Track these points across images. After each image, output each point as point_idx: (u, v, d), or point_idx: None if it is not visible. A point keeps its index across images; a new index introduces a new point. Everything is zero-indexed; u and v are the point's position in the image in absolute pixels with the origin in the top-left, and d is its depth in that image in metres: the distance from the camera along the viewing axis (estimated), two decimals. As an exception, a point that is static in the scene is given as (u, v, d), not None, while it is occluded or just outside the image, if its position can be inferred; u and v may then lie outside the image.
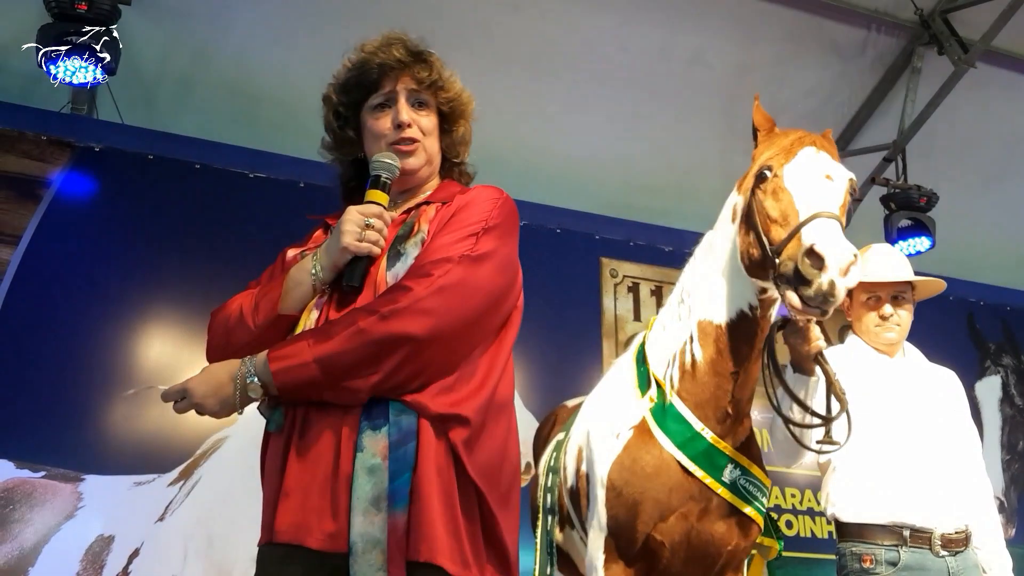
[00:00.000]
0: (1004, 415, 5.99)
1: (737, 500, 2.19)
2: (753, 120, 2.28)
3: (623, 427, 2.26)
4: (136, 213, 4.41)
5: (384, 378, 1.49)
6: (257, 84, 4.78)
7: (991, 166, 6.07)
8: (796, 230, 1.94)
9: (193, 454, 4.07)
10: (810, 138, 2.16)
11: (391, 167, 1.69)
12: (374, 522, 1.43)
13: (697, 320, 2.26)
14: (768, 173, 2.09)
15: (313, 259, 1.65)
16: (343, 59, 1.81)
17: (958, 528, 2.56)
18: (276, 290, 1.66)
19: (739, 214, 2.22)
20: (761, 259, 2.05)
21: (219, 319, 1.71)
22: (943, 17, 5.39)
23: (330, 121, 1.81)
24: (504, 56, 5.05)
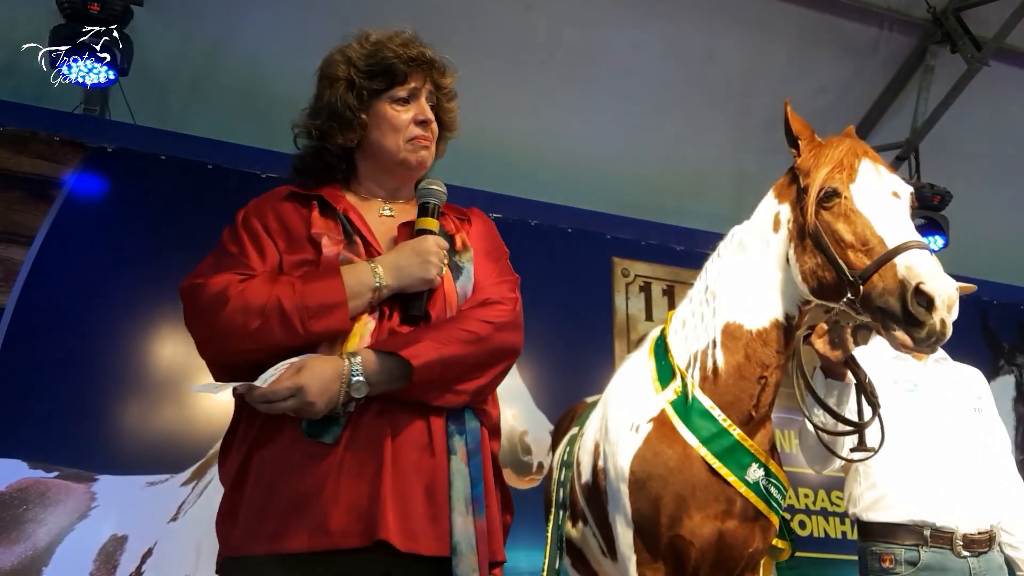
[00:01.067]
0: (1018, 415, 5.95)
1: (759, 501, 2.17)
2: (791, 127, 2.24)
3: (642, 420, 2.24)
4: (148, 213, 4.41)
5: (485, 385, 1.62)
6: (269, 84, 4.78)
7: (1005, 164, 6.03)
8: (885, 259, 1.93)
9: (206, 454, 4.07)
10: (861, 148, 2.15)
11: (440, 194, 1.71)
12: (467, 524, 1.51)
13: (725, 322, 2.24)
14: (835, 194, 2.06)
15: (375, 275, 1.58)
16: (351, 42, 1.79)
17: (981, 529, 2.53)
18: (339, 296, 1.53)
19: (785, 226, 2.20)
20: (836, 283, 2.03)
21: (240, 305, 1.52)
22: (956, 15, 5.37)
23: (345, 101, 1.73)
24: (515, 56, 5.04)
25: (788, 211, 2.21)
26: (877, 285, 1.93)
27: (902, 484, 2.55)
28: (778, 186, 2.31)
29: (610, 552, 2.33)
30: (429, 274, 1.60)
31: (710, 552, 2.16)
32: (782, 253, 2.21)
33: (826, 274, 2.06)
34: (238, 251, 1.63)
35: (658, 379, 2.30)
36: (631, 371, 2.43)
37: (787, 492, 2.27)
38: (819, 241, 2.06)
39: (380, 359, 1.52)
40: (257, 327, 1.51)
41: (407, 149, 1.74)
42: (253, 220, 1.68)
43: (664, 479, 2.14)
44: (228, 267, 1.60)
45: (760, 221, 2.29)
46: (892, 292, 1.90)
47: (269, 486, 1.49)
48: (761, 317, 2.21)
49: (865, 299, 1.96)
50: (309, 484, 1.47)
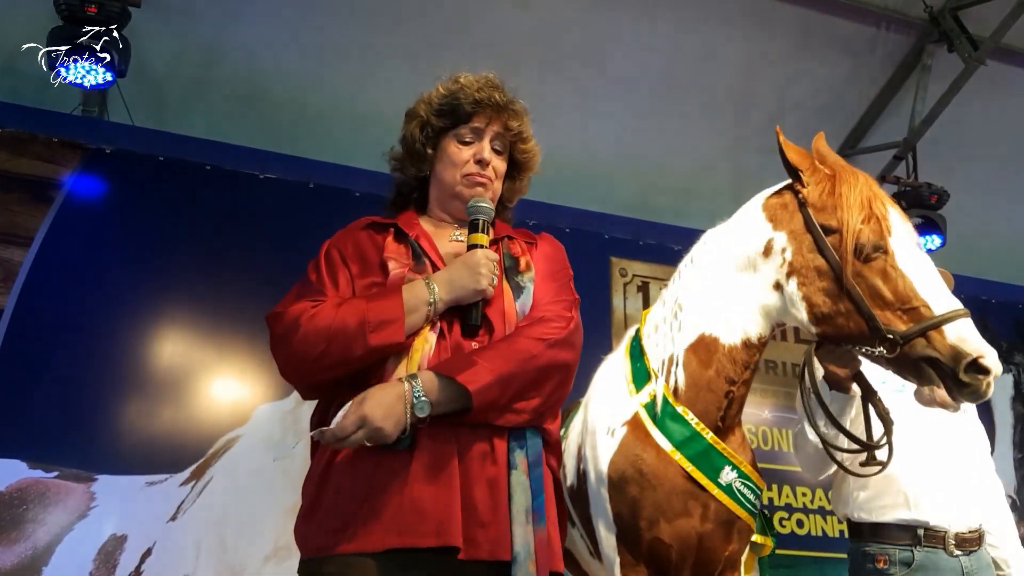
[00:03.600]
0: (1016, 413, 5.96)
1: (732, 504, 2.18)
2: (788, 158, 2.18)
3: (616, 424, 2.25)
4: (147, 214, 4.42)
5: (543, 402, 1.69)
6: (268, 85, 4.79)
7: (1002, 164, 6.04)
8: (934, 326, 1.94)
9: (205, 454, 4.08)
10: (876, 188, 2.13)
11: (488, 211, 1.83)
12: (527, 534, 1.60)
13: (700, 333, 2.23)
14: (877, 249, 2.03)
15: (429, 289, 1.69)
16: (437, 84, 1.94)
17: (972, 527, 2.54)
18: (397, 312, 1.65)
19: (780, 255, 2.16)
20: (861, 334, 2.03)
21: (312, 328, 1.64)
22: (953, 14, 5.37)
23: (415, 136, 1.91)
24: (513, 54, 5.05)
25: (786, 241, 2.16)
26: (922, 350, 1.95)
27: (894, 484, 2.55)
28: (771, 207, 2.24)
29: (597, 554, 2.34)
30: (480, 284, 1.71)
31: (689, 555, 2.17)
32: (770, 280, 2.18)
33: (850, 324, 2.04)
34: (316, 280, 1.77)
35: (632, 381, 2.30)
36: (608, 372, 2.43)
37: (762, 491, 2.28)
38: (853, 293, 2.02)
39: (441, 381, 1.61)
40: (324, 348, 1.63)
41: (462, 183, 1.88)
42: (332, 250, 1.82)
43: (640, 483, 2.15)
44: (304, 295, 1.73)
45: (747, 241, 2.24)
46: (943, 359, 1.93)
47: (347, 491, 1.60)
48: (735, 335, 2.21)
49: (902, 360, 1.98)
50: (383, 489, 1.58)
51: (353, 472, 1.61)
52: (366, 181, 4.14)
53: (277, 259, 4.01)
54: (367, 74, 4.76)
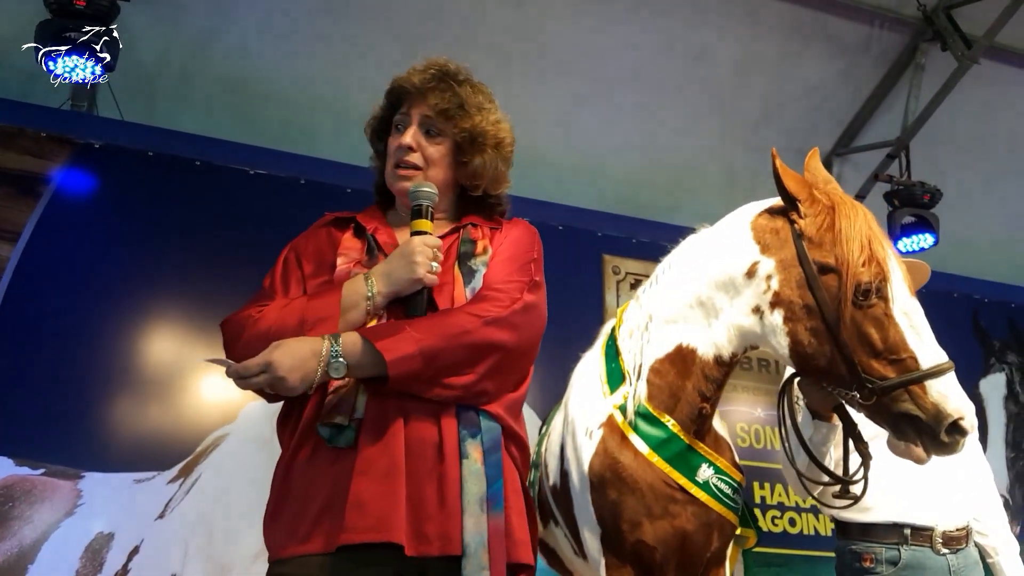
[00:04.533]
0: (1009, 412, 5.97)
1: (711, 500, 2.18)
2: (786, 186, 2.09)
3: (594, 425, 2.24)
4: (136, 210, 4.39)
5: (476, 380, 1.61)
6: (258, 80, 4.77)
7: (995, 163, 6.05)
8: (918, 380, 1.91)
9: (193, 451, 4.05)
10: (872, 222, 2.06)
11: (430, 195, 1.75)
12: (480, 523, 1.54)
13: (677, 344, 2.21)
14: (875, 295, 1.97)
15: (368, 284, 1.65)
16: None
17: (959, 525, 2.54)
18: (333, 309, 1.62)
19: (765, 281, 2.10)
20: (841, 377, 1.99)
21: (253, 332, 1.62)
22: (946, 13, 5.37)
23: (369, 136, 1.92)
24: (506, 52, 5.03)
25: (773, 268, 2.09)
26: (902, 403, 1.93)
27: (880, 483, 2.54)
28: (760, 228, 2.16)
29: (581, 553, 2.33)
30: (415, 274, 1.64)
31: (673, 556, 2.17)
32: (750, 303, 2.13)
33: (832, 368, 1.99)
34: (268, 285, 1.75)
35: (607, 382, 2.28)
36: (585, 371, 2.42)
37: (742, 485, 2.27)
38: (841, 341, 1.97)
39: (364, 345, 1.56)
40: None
41: (391, 176, 1.83)
42: (289, 254, 1.79)
43: (619, 487, 2.14)
44: (254, 300, 1.72)
45: (730, 260, 2.17)
46: (923, 411, 1.91)
47: (300, 491, 1.58)
48: (708, 350, 2.19)
49: (883, 408, 1.95)
50: (331, 487, 1.55)
51: (306, 471, 1.59)
52: (357, 177, 4.11)
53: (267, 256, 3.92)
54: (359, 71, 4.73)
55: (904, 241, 5.52)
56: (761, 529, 4.80)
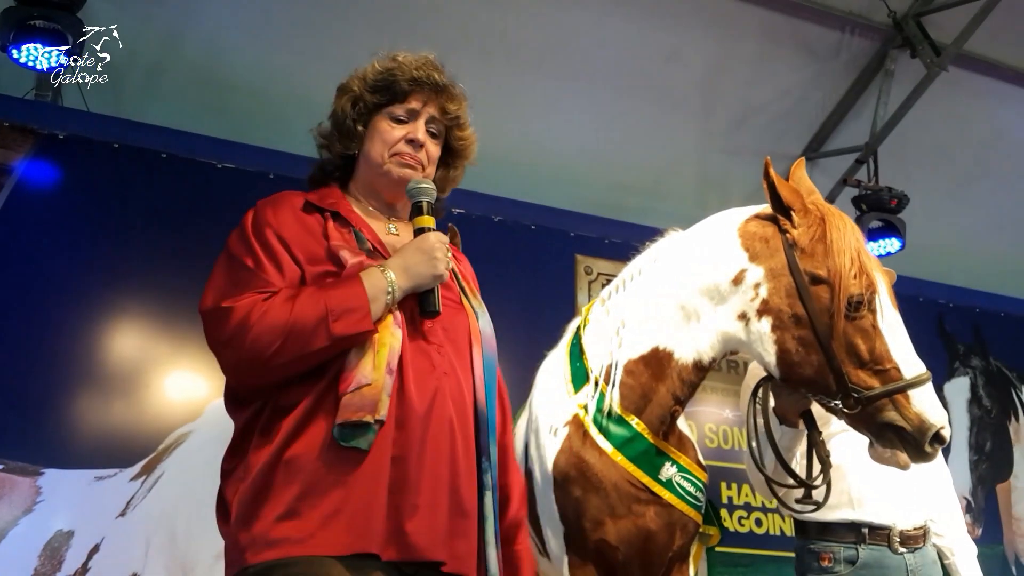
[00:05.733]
0: (972, 416, 6.06)
1: (673, 498, 2.19)
2: (781, 195, 2.11)
3: (559, 424, 2.24)
4: (101, 202, 4.32)
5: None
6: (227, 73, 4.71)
7: (962, 169, 6.14)
8: (900, 390, 1.98)
9: (156, 448, 4.00)
10: (858, 234, 2.12)
11: (431, 192, 1.75)
12: (495, 559, 1.62)
13: (654, 346, 2.21)
14: (865, 307, 2.02)
15: (386, 278, 1.61)
16: (373, 60, 1.84)
17: (916, 524, 2.57)
18: (361, 300, 1.57)
19: (752, 289, 2.12)
20: (827, 387, 2.03)
21: (268, 325, 1.53)
22: (916, 20, 5.44)
23: (346, 111, 1.80)
24: (479, 50, 5.02)
25: (763, 276, 2.11)
26: (887, 413, 1.99)
27: (838, 483, 2.56)
28: (749, 236, 2.17)
29: (544, 552, 2.32)
30: (437, 269, 1.65)
31: (636, 555, 2.17)
32: (735, 310, 2.14)
33: (818, 378, 2.04)
34: (254, 265, 1.62)
35: (572, 381, 2.28)
36: (549, 371, 2.41)
37: (706, 484, 2.28)
38: (830, 349, 2.01)
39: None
40: (280, 345, 1.53)
41: (391, 163, 1.78)
42: (267, 231, 1.66)
43: (583, 485, 2.14)
44: (249, 286, 1.60)
45: (714, 264, 2.18)
46: (908, 422, 1.97)
47: (301, 491, 1.51)
48: (687, 354, 2.19)
49: (866, 417, 2.01)
50: (344, 489, 1.50)
51: (308, 467, 1.52)
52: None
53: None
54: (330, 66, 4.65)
55: (871, 245, 5.58)
56: (727, 528, 4.83)
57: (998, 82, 5.84)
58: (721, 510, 4.93)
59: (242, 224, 1.70)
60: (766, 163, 2.14)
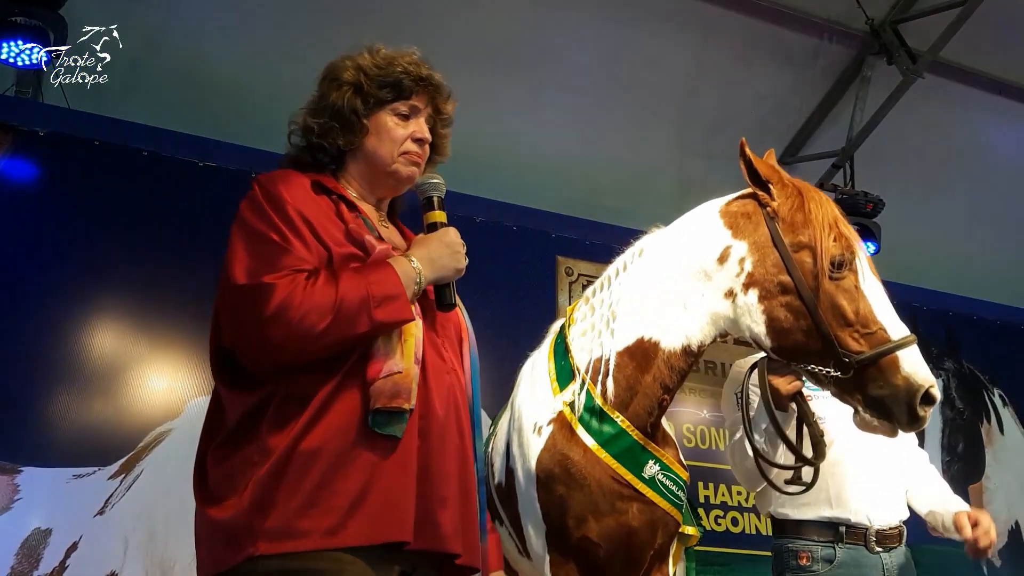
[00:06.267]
0: (945, 418, 6.13)
1: (656, 496, 2.20)
2: (758, 171, 2.20)
3: (543, 422, 2.25)
4: (81, 200, 4.30)
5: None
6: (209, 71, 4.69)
7: (936, 175, 6.20)
8: (889, 351, 2.00)
9: (135, 447, 3.99)
10: (835, 207, 2.19)
11: (442, 187, 1.79)
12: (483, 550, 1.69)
13: (639, 337, 2.23)
14: (845, 267, 2.08)
15: (415, 268, 1.63)
16: (361, 51, 1.84)
17: (892, 524, 2.61)
18: (398, 288, 1.58)
19: (738, 264, 2.17)
20: (818, 352, 2.07)
21: (315, 304, 1.50)
22: (893, 27, 5.50)
23: (354, 105, 1.77)
24: (460, 52, 5.02)
25: (747, 251, 2.17)
26: (876, 377, 2.01)
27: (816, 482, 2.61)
28: (730, 215, 2.24)
29: (525, 551, 2.34)
30: (460, 264, 1.71)
31: (618, 553, 2.19)
32: (723, 288, 2.19)
33: (809, 342, 2.07)
34: (282, 240, 1.58)
35: (556, 380, 2.30)
36: (532, 370, 2.43)
37: (687, 483, 2.31)
38: (817, 312, 2.05)
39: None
40: (327, 325, 1.51)
41: (400, 162, 1.80)
42: (287, 207, 1.61)
43: (567, 482, 2.15)
44: (283, 262, 1.55)
45: (700, 246, 2.24)
46: (897, 387, 1.99)
47: (326, 478, 1.49)
48: (677, 340, 2.21)
49: (853, 383, 2.04)
50: (365, 478, 1.50)
51: (328, 456, 1.50)
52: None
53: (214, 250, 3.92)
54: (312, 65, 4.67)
55: (848, 249, 5.64)
56: (704, 528, 4.87)
57: (973, 89, 5.92)
58: (698, 509, 4.97)
59: (253, 198, 1.65)
60: (742, 143, 2.22)
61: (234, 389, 1.61)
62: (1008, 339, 6.64)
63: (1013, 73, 5.83)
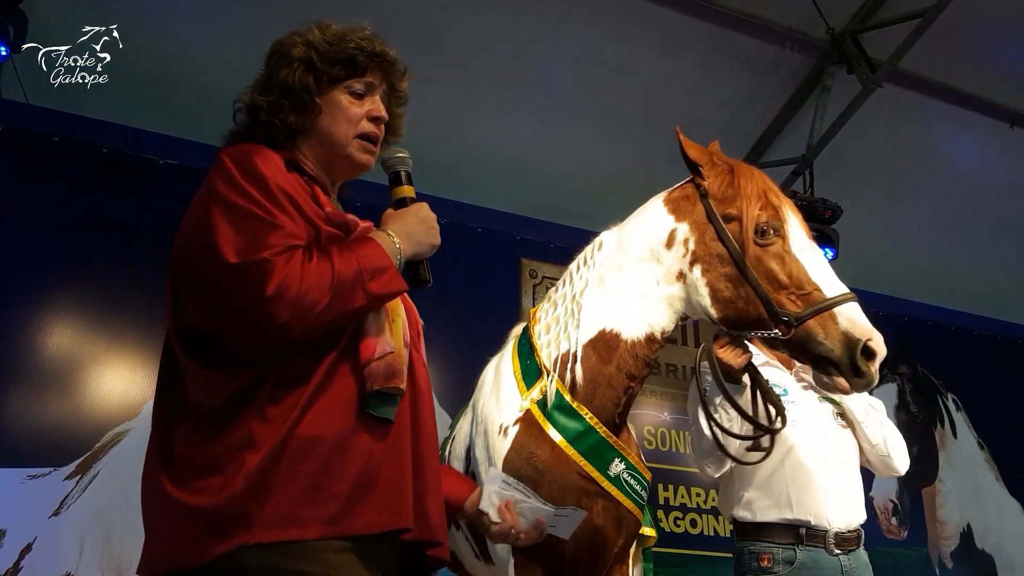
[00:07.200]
0: (900, 421, 6.23)
1: (620, 494, 2.23)
2: (689, 154, 2.30)
3: (509, 422, 2.26)
4: (38, 196, 4.24)
5: None
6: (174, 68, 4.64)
7: (893, 183, 6.30)
8: (825, 308, 2.05)
9: (92, 447, 3.94)
10: (772, 183, 2.26)
11: (408, 161, 1.75)
12: None
13: (600, 328, 2.27)
14: (773, 232, 2.15)
15: (394, 243, 1.60)
16: (310, 27, 1.75)
17: (851, 527, 2.65)
18: (385, 260, 1.55)
19: (683, 244, 2.24)
20: (759, 319, 2.12)
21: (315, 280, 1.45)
22: (853, 37, 5.57)
23: (305, 83, 1.68)
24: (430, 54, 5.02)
25: (688, 230, 2.25)
26: (816, 333, 2.06)
27: (776, 485, 2.64)
28: (672, 200, 2.34)
29: (483, 555, 2.34)
30: (436, 239, 1.67)
31: (583, 549, 2.21)
32: (673, 270, 2.25)
33: (749, 308, 2.13)
34: (268, 215, 1.50)
35: (523, 379, 2.32)
36: (495, 374, 2.44)
37: (649, 483, 2.34)
38: (750, 277, 2.12)
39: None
40: (328, 301, 1.46)
41: (355, 146, 1.72)
42: (269, 183, 1.52)
43: (535, 481, 2.16)
44: (274, 237, 1.47)
45: (649, 233, 2.31)
46: (837, 342, 2.04)
47: (326, 465, 1.44)
48: (638, 329, 2.26)
49: (798, 342, 2.08)
50: (363, 463, 1.46)
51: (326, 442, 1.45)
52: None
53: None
54: (278, 63, 4.64)
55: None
56: (664, 529, 4.91)
57: (930, 99, 6.01)
58: (658, 511, 5.02)
59: (227, 173, 1.54)
60: (676, 130, 2.34)
61: (213, 369, 1.51)
62: (962, 345, 6.78)
63: (971, 84, 5.94)
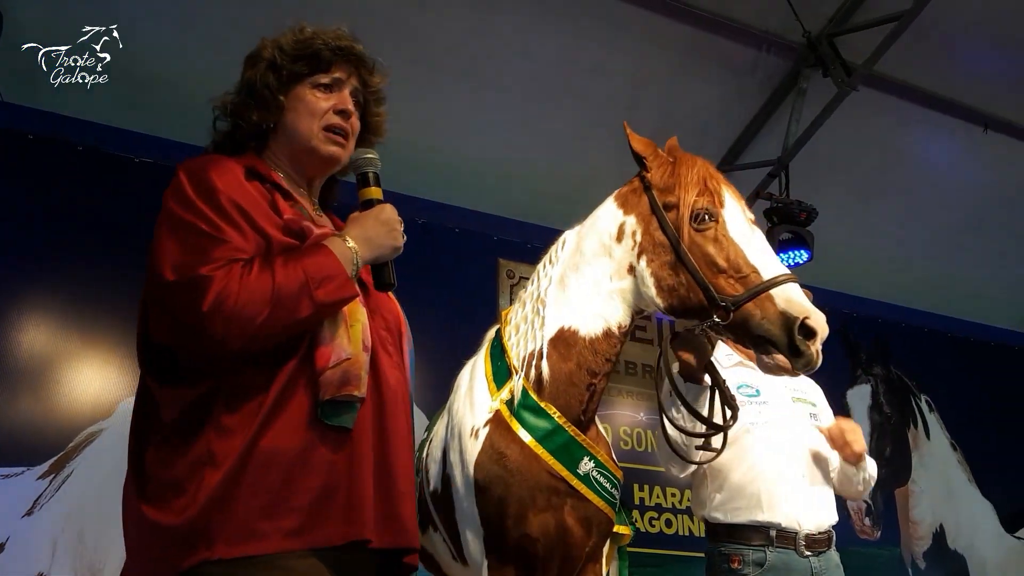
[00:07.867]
0: (873, 422, 6.30)
1: (590, 493, 2.24)
2: (634, 147, 2.34)
3: (480, 424, 2.28)
4: (12, 194, 4.20)
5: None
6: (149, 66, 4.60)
7: (868, 185, 6.36)
8: (762, 290, 2.06)
9: (66, 447, 3.91)
10: (714, 170, 2.28)
11: (377, 162, 1.73)
12: None
13: (559, 327, 2.29)
14: (709, 217, 2.17)
15: (350, 248, 1.58)
16: (285, 31, 1.78)
17: (821, 528, 2.68)
18: (336, 268, 1.52)
19: (631, 237, 2.28)
20: (700, 305, 2.14)
21: (253, 295, 1.44)
22: (829, 40, 5.62)
23: (266, 81, 1.71)
24: (407, 53, 5.02)
25: (635, 223, 2.29)
26: (754, 314, 2.06)
27: (748, 486, 2.67)
28: (621, 195, 2.38)
29: (460, 557, 2.35)
30: (397, 241, 1.65)
31: (555, 548, 2.22)
32: (624, 264, 2.28)
33: (690, 295, 2.15)
34: (213, 230, 1.49)
35: (494, 380, 2.34)
36: (469, 375, 2.46)
37: (621, 482, 2.35)
38: (687, 262, 2.14)
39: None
40: (268, 314, 1.45)
41: (319, 138, 1.72)
42: (219, 196, 1.52)
43: (505, 481, 2.18)
44: (216, 251, 1.47)
45: (601, 229, 2.35)
46: (774, 323, 2.04)
47: (287, 477, 1.44)
48: (595, 325, 2.28)
49: (738, 325, 2.09)
50: (326, 476, 1.46)
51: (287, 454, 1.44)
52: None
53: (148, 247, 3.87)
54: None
55: (781, 256, 5.75)
56: (639, 529, 4.93)
57: (905, 102, 6.06)
58: (633, 511, 5.04)
59: (179, 188, 1.55)
60: (623, 125, 2.39)
61: (169, 385, 1.53)
62: (936, 346, 6.85)
63: (945, 87, 6.00)
